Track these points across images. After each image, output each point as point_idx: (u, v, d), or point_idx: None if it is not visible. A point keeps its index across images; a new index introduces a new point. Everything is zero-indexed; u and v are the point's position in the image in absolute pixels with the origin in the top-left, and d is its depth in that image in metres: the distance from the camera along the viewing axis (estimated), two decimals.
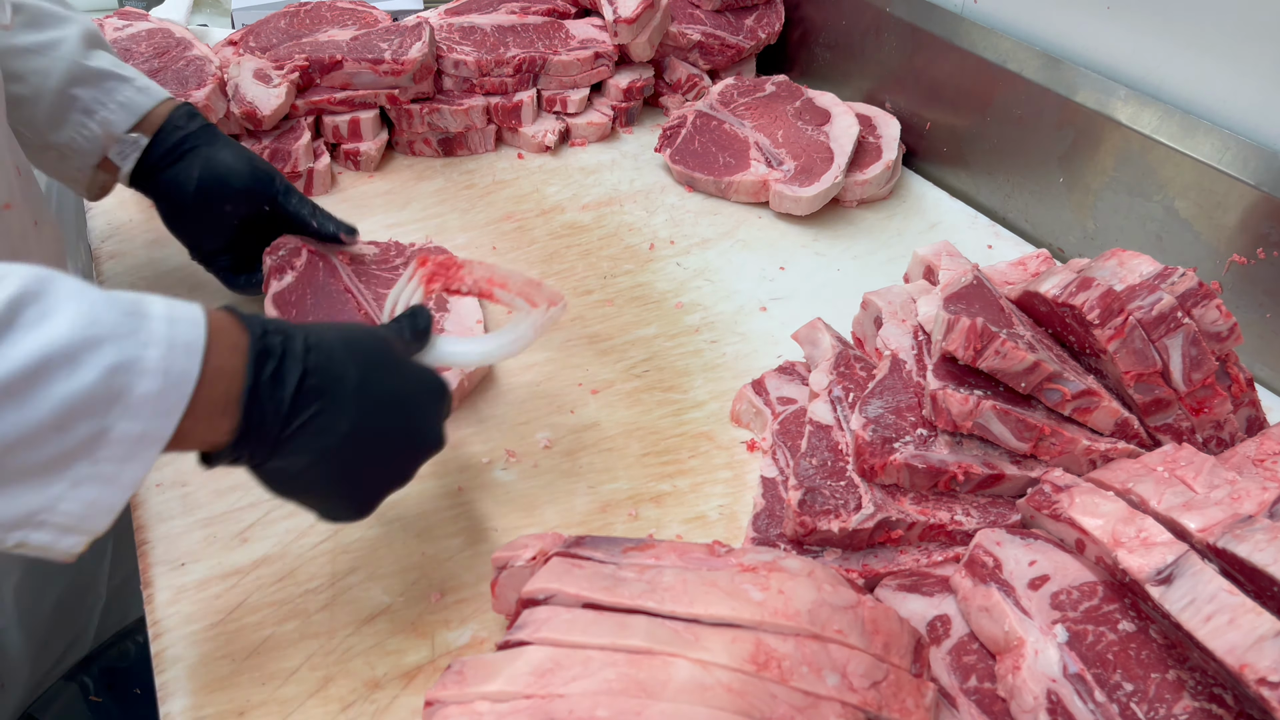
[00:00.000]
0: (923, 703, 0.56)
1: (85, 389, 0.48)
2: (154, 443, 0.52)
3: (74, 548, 0.52)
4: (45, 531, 0.51)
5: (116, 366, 0.49)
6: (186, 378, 0.52)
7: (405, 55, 1.23)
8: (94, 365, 0.49)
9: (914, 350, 0.84)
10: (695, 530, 0.78)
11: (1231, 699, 0.54)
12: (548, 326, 0.77)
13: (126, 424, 0.50)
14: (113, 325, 0.50)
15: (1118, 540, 0.60)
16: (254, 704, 0.64)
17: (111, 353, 0.49)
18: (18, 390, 0.47)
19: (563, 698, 0.52)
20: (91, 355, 0.49)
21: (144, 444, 0.51)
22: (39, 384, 0.47)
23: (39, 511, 0.50)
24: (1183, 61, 0.98)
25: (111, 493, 0.51)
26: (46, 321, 0.48)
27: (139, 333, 0.51)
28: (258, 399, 0.55)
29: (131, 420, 0.50)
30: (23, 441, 0.47)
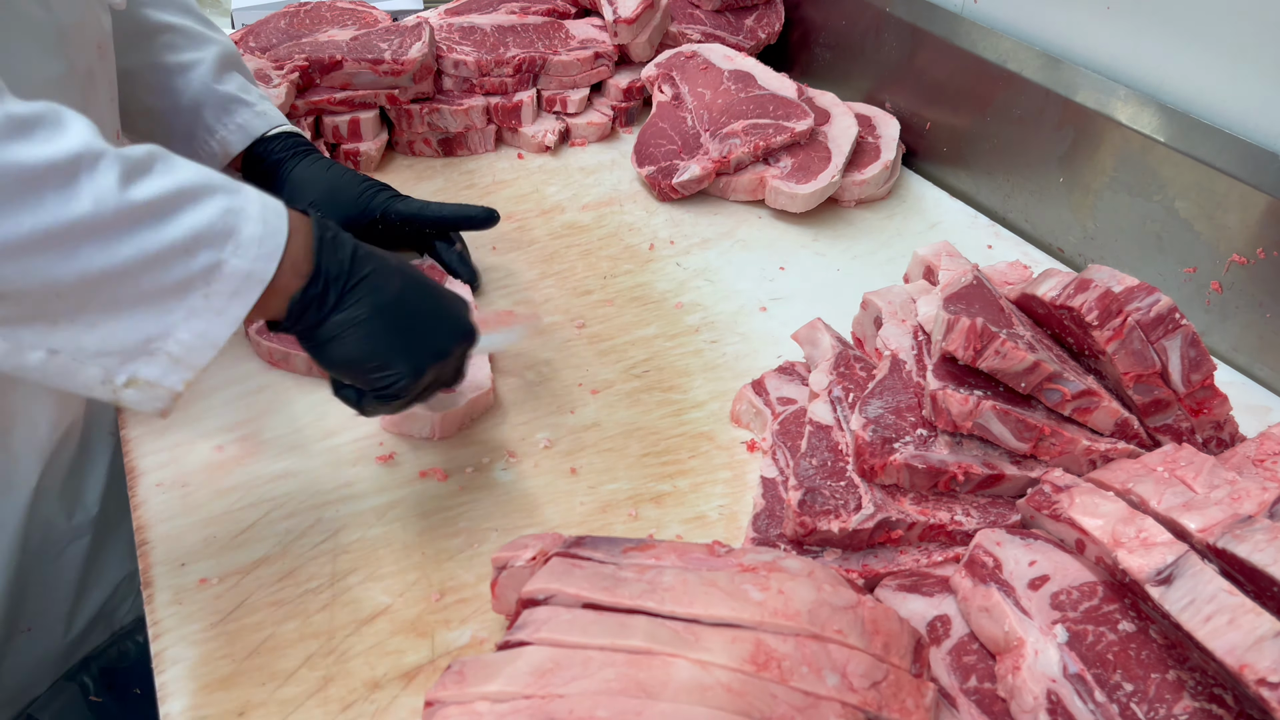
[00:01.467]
0: (923, 703, 0.56)
1: (208, 220, 0.58)
2: (258, 282, 0.60)
3: (176, 385, 0.59)
4: (157, 362, 0.58)
5: (229, 209, 0.59)
6: (279, 231, 0.61)
7: (405, 55, 1.23)
8: (213, 204, 0.58)
9: (914, 350, 0.84)
10: (695, 530, 0.78)
11: (1231, 699, 0.54)
12: (532, 332, 0.89)
13: (237, 260, 0.59)
14: (222, 181, 0.60)
15: (1118, 540, 0.60)
16: (254, 704, 0.64)
17: (225, 199, 0.59)
18: (158, 212, 0.56)
19: (562, 698, 0.52)
20: (210, 197, 0.58)
21: (250, 282, 0.59)
22: (174, 210, 0.57)
23: (156, 338, 0.58)
24: (1183, 61, 0.98)
25: (218, 325, 0.59)
26: (174, 170, 0.58)
27: (241, 191, 0.61)
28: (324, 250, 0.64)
29: (241, 257, 0.59)
30: (157, 260, 0.56)
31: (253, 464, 0.82)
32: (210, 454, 0.83)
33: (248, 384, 0.90)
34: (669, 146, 1.21)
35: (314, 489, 0.80)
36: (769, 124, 1.18)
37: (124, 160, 0.55)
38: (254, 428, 0.86)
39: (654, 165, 1.20)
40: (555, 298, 1.04)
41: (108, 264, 0.54)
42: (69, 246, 0.53)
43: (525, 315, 0.88)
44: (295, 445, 0.84)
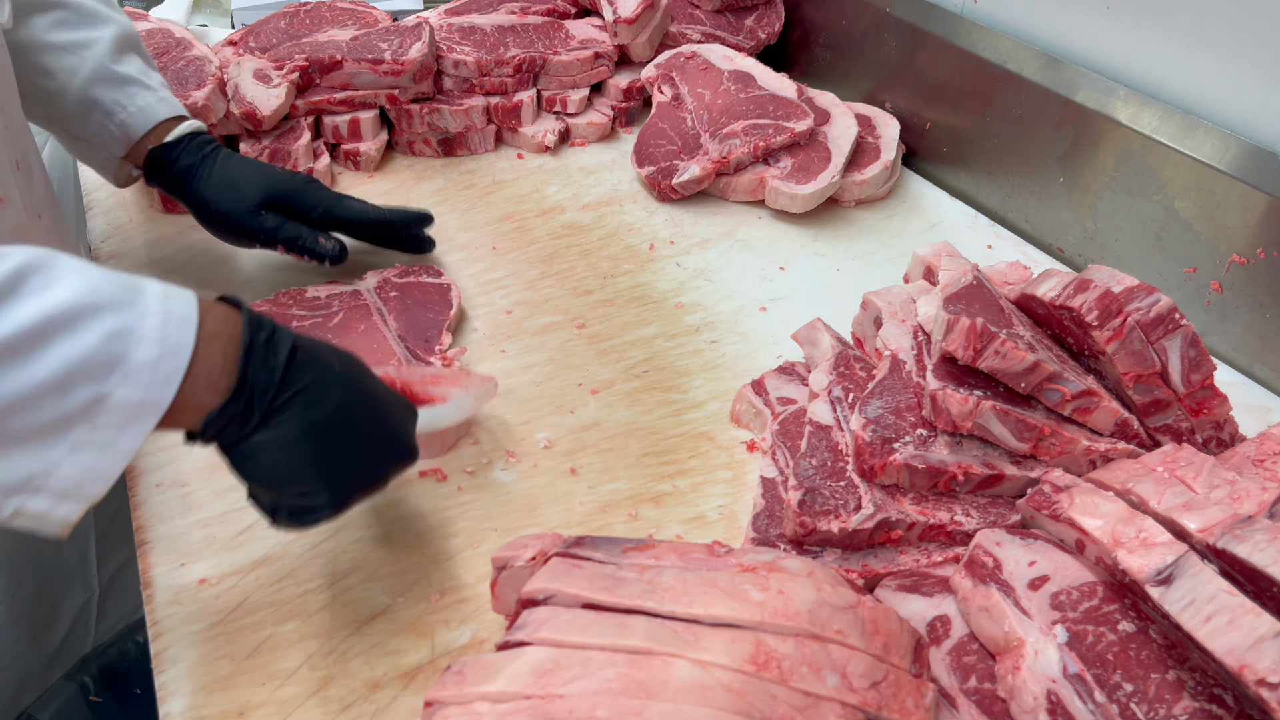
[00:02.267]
0: (922, 703, 0.56)
1: (85, 352, 0.51)
2: (152, 411, 0.53)
3: (69, 516, 0.53)
4: (42, 498, 0.52)
5: (115, 333, 0.51)
6: (182, 349, 0.54)
7: (405, 55, 1.23)
8: (94, 330, 0.51)
9: (914, 350, 0.84)
10: (695, 530, 0.78)
11: (1231, 699, 0.54)
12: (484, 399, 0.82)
13: (125, 390, 0.52)
14: (111, 295, 0.52)
15: (1117, 540, 0.60)
16: (254, 704, 0.64)
17: (110, 320, 0.52)
18: (22, 349, 0.49)
19: (562, 698, 0.52)
20: (91, 321, 0.51)
21: (142, 412, 0.53)
22: (41, 345, 0.49)
23: (36, 476, 0.51)
24: (1183, 61, 0.98)
25: (108, 459, 0.53)
26: (49, 289, 0.50)
27: (136, 304, 0.53)
28: (253, 358, 0.57)
29: (130, 387, 0.52)
30: (25, 401, 0.49)
31: None
32: (210, 454, 0.83)
33: None
34: (669, 147, 1.21)
35: None
36: (769, 124, 1.18)
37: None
38: None
39: (654, 165, 1.20)
40: (555, 298, 1.04)
41: None
42: None
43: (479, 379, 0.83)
44: None
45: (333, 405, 0.60)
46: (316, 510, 0.61)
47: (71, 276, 0.52)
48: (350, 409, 0.61)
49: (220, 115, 1.18)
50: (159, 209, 1.16)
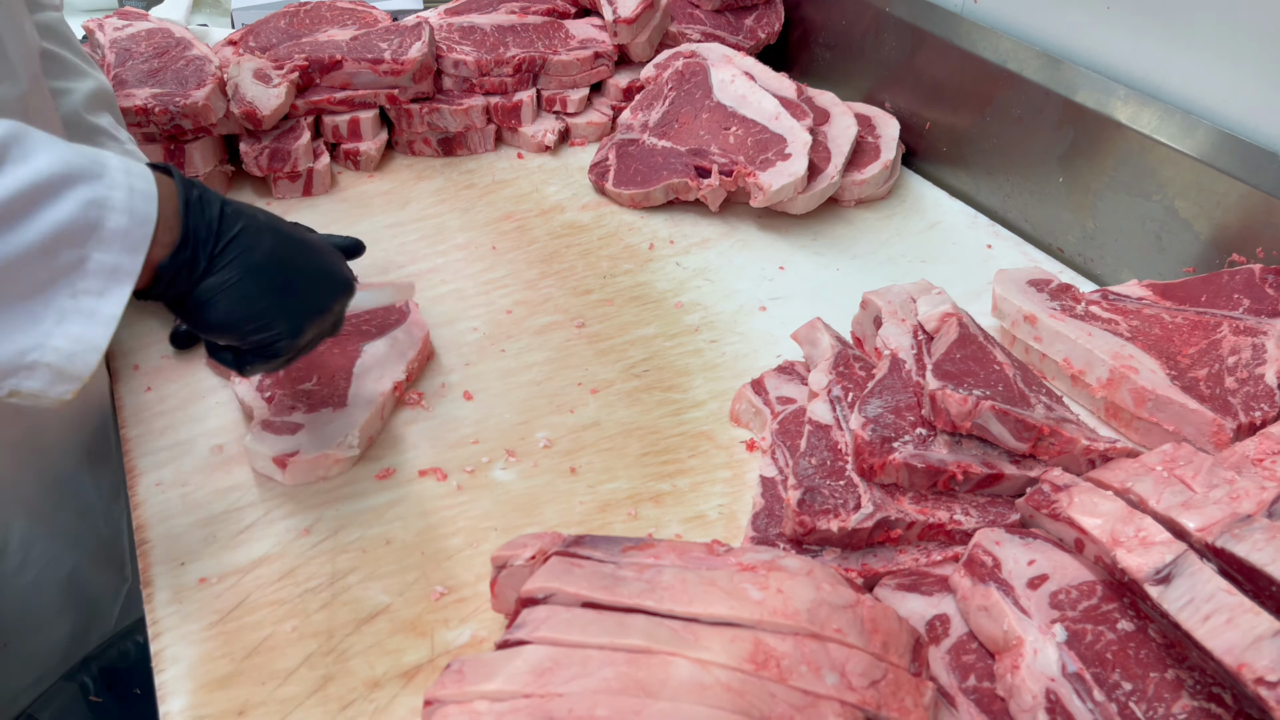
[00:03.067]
0: (921, 702, 0.56)
1: (67, 217, 0.55)
2: (127, 276, 0.58)
3: (64, 394, 0.58)
4: (38, 375, 0.57)
5: (91, 201, 0.56)
6: (148, 219, 0.59)
7: (405, 55, 1.23)
8: (72, 199, 0.56)
9: (914, 350, 0.84)
10: (695, 530, 0.78)
11: (1230, 698, 0.54)
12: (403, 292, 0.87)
13: (101, 255, 0.57)
14: (83, 166, 0.57)
15: (1116, 539, 0.60)
16: (254, 704, 0.64)
17: (85, 190, 0.56)
18: (12, 215, 0.53)
19: (562, 697, 0.52)
20: (70, 189, 0.56)
21: (118, 277, 0.58)
22: (30, 210, 0.54)
23: (30, 349, 0.56)
24: (1183, 61, 0.98)
25: (94, 328, 0.57)
26: (29, 159, 0.54)
27: (104, 176, 0.57)
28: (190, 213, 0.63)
29: (105, 251, 0.57)
30: (18, 263, 0.54)
31: (236, 454, 0.82)
32: (210, 454, 0.83)
33: None
34: None
35: (314, 489, 0.80)
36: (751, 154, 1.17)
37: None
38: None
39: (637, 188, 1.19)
40: (555, 297, 1.04)
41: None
42: None
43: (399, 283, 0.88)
44: None
45: (266, 247, 0.66)
46: (276, 342, 0.67)
47: (45, 148, 0.55)
48: (283, 249, 0.68)
49: (220, 115, 1.18)
50: None
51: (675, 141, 1.20)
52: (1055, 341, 0.88)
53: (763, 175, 1.10)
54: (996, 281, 0.95)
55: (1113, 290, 0.93)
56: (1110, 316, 0.89)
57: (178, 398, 0.89)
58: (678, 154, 1.19)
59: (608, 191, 1.21)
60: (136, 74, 1.19)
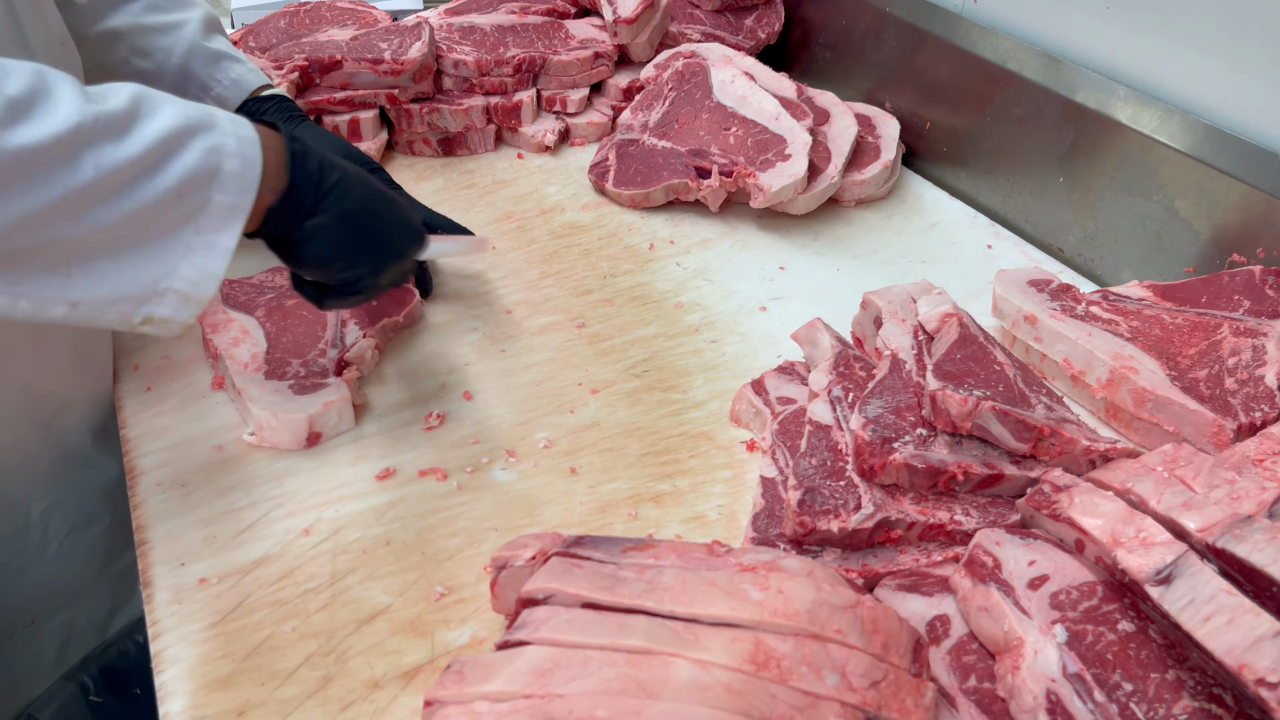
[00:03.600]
0: (922, 702, 0.56)
1: (195, 164, 0.62)
2: (240, 213, 0.65)
3: (189, 318, 0.65)
4: (167, 302, 0.64)
5: (211, 149, 0.63)
6: (255, 162, 0.65)
7: (405, 55, 1.23)
8: (196, 147, 0.62)
9: (914, 350, 0.84)
10: (695, 530, 0.78)
11: (1231, 699, 0.54)
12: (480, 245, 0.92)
13: (221, 195, 0.64)
14: (199, 119, 0.63)
15: (1117, 540, 0.60)
16: (254, 704, 0.64)
17: (205, 139, 0.63)
18: (152, 164, 0.60)
19: (562, 697, 0.52)
20: (193, 140, 0.62)
21: (234, 214, 0.64)
22: (165, 160, 0.61)
23: (162, 278, 0.63)
24: (1183, 61, 0.98)
25: (213, 259, 0.64)
26: (157, 115, 0.61)
27: (216, 126, 0.64)
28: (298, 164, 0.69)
29: (224, 192, 0.64)
30: (156, 206, 0.61)
31: (253, 464, 0.82)
32: (210, 454, 0.83)
33: None
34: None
35: (314, 489, 0.80)
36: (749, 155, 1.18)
37: (113, 119, 0.59)
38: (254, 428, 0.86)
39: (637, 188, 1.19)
40: (555, 297, 1.04)
41: (113, 218, 0.59)
42: (78, 211, 0.58)
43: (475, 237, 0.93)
44: None
45: (359, 196, 0.73)
46: (360, 280, 0.74)
47: (167, 104, 0.62)
48: (372, 200, 0.75)
49: None
50: None
51: (675, 142, 1.20)
52: (1055, 342, 0.88)
53: (763, 176, 1.10)
54: (997, 281, 0.95)
55: (1113, 291, 0.93)
56: (1110, 317, 0.89)
57: (178, 398, 0.89)
58: (677, 154, 1.19)
59: (608, 192, 1.21)
60: None
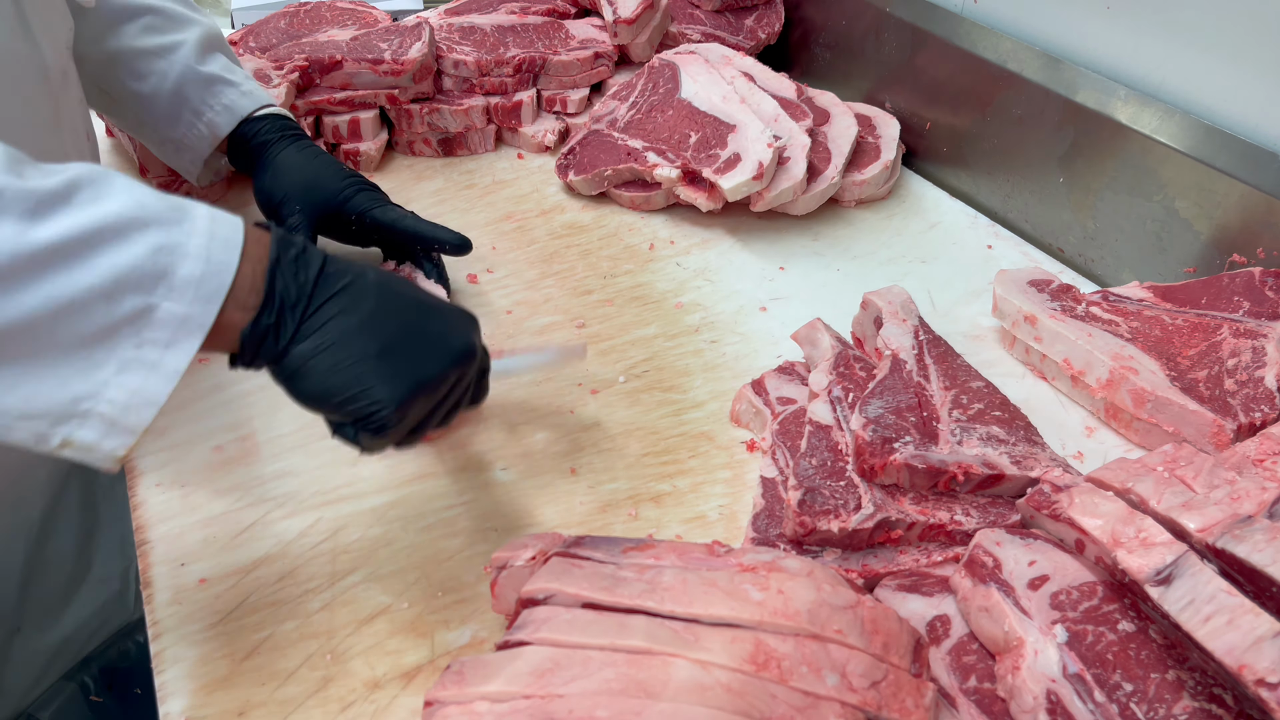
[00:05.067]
0: (922, 703, 0.56)
1: (133, 262, 0.52)
2: (197, 328, 0.54)
3: (117, 450, 0.54)
4: (91, 426, 0.53)
5: (162, 247, 0.53)
6: (226, 268, 0.55)
7: (405, 55, 1.23)
8: (142, 242, 0.53)
9: (914, 350, 0.84)
10: (695, 530, 0.78)
11: (1231, 699, 0.54)
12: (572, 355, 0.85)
13: (170, 304, 0.53)
14: (160, 212, 0.54)
15: (1117, 540, 0.60)
16: (254, 704, 0.64)
17: (157, 235, 0.53)
18: (72, 254, 0.51)
19: (562, 698, 0.52)
20: (140, 234, 0.53)
21: (187, 328, 0.54)
22: (90, 252, 0.51)
23: (85, 398, 0.52)
24: (1183, 61, 0.98)
25: (155, 381, 0.54)
26: (100, 201, 0.52)
27: (183, 223, 0.54)
28: (280, 273, 0.58)
29: (175, 301, 0.53)
30: (75, 305, 0.51)
31: (253, 464, 0.82)
32: (210, 454, 0.83)
33: (247, 384, 0.90)
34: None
35: (314, 489, 0.80)
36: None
37: (30, 196, 0.50)
38: (254, 428, 0.86)
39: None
40: (555, 297, 1.04)
41: (16, 315, 0.50)
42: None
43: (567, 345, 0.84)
44: (295, 445, 0.84)
45: (368, 309, 0.60)
46: (379, 414, 0.59)
47: (122, 192, 0.53)
48: (387, 308, 0.61)
49: None
50: None
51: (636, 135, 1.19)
52: (1055, 342, 0.88)
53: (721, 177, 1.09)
54: (997, 282, 0.95)
55: (1113, 291, 0.94)
56: (1110, 317, 0.89)
57: (178, 398, 0.88)
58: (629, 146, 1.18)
59: (570, 183, 1.21)
60: None
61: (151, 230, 0.53)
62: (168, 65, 0.95)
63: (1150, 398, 0.80)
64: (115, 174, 0.55)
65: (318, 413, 0.62)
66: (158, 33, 0.96)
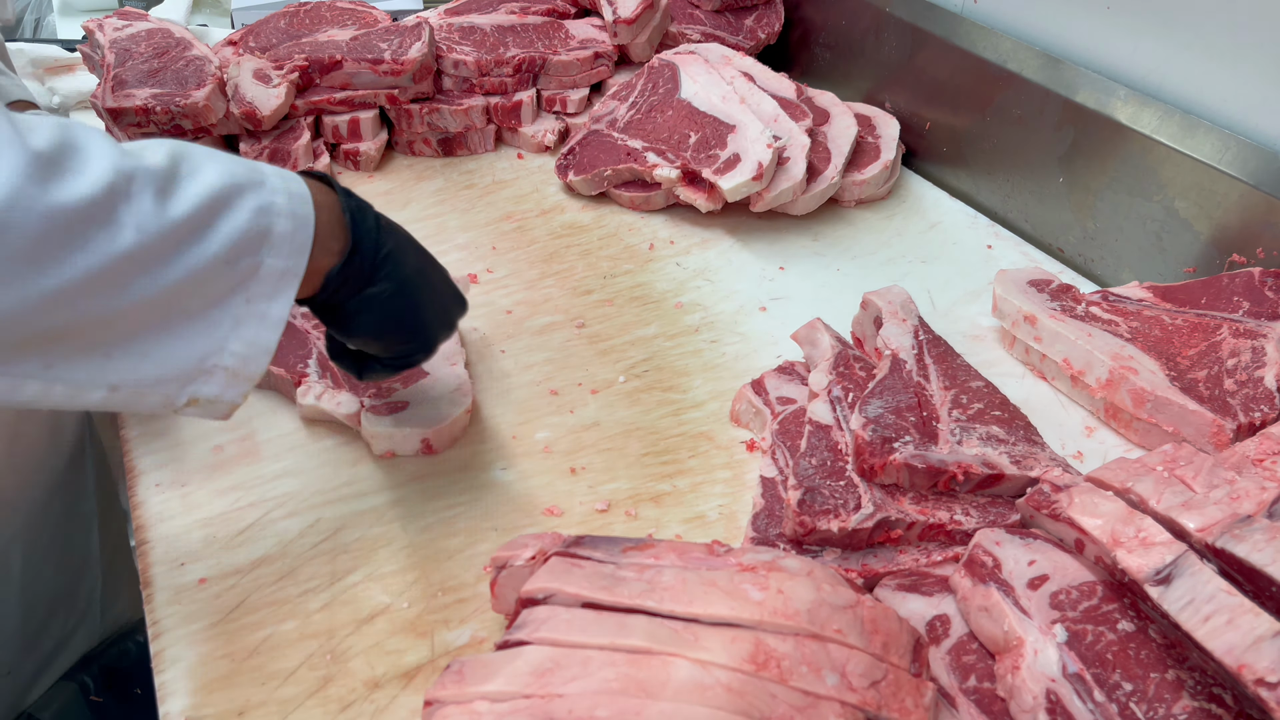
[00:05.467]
0: (922, 702, 0.56)
1: (245, 226, 0.56)
2: (293, 277, 0.59)
3: (237, 397, 0.59)
4: (215, 380, 0.57)
5: (261, 208, 0.57)
6: (308, 221, 0.59)
7: (405, 55, 1.23)
8: (245, 207, 0.56)
9: (914, 350, 0.84)
10: (695, 530, 0.78)
11: (1231, 699, 0.54)
12: None
13: (272, 260, 0.58)
14: (245, 175, 0.57)
15: (1117, 540, 0.60)
16: (254, 704, 0.64)
17: (254, 198, 0.57)
18: (201, 226, 0.54)
19: (562, 697, 0.52)
20: (240, 199, 0.56)
21: (286, 279, 0.58)
22: (214, 221, 0.55)
23: (210, 354, 0.56)
24: (1183, 61, 0.98)
25: (265, 330, 0.58)
26: (199, 173, 0.55)
27: (265, 183, 0.58)
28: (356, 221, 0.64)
29: (276, 256, 0.58)
30: (204, 275, 0.54)
31: (252, 464, 0.82)
32: (210, 454, 0.83)
33: None
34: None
35: (314, 489, 0.80)
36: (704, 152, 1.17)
37: (154, 176, 0.53)
38: (254, 427, 0.86)
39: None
40: (555, 297, 1.04)
41: (159, 288, 0.53)
42: (120, 280, 0.51)
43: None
44: (295, 445, 0.84)
45: (414, 263, 0.68)
46: (413, 354, 0.70)
47: (208, 159, 0.56)
48: (426, 266, 0.70)
49: (220, 115, 1.18)
50: None
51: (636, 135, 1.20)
52: (1055, 342, 0.88)
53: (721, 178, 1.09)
54: (997, 282, 0.95)
55: (1113, 291, 0.94)
56: (1110, 317, 0.89)
57: None
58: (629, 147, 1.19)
59: (570, 183, 1.21)
60: (136, 74, 1.19)
61: (248, 194, 0.56)
62: None
63: (1150, 398, 0.80)
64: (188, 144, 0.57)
65: (359, 345, 0.69)
66: None
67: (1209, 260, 0.95)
